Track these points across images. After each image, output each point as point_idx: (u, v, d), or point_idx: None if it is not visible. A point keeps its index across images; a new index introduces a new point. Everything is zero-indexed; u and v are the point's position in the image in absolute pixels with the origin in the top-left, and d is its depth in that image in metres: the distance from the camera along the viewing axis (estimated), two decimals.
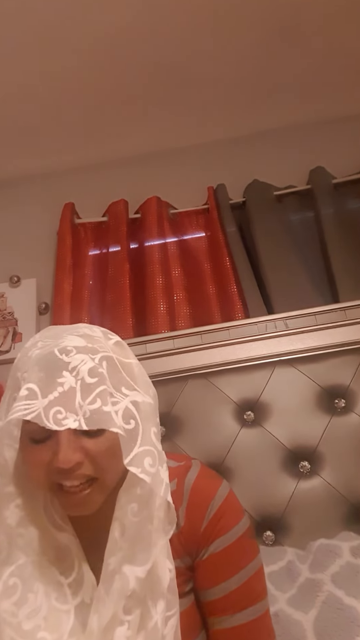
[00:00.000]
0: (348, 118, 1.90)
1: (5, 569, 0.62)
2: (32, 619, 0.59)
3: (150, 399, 0.65)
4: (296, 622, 0.82)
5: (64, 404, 0.56)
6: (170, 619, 0.60)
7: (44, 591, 0.62)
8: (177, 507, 0.68)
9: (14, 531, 0.63)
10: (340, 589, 0.83)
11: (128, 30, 1.51)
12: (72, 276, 1.70)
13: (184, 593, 0.67)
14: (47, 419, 0.55)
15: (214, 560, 0.67)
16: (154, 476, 0.58)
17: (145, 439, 0.59)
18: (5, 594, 0.60)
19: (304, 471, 1.20)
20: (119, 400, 0.60)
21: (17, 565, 0.62)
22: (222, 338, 1.45)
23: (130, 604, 0.58)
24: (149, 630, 0.58)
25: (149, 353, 1.45)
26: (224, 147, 1.95)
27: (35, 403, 0.56)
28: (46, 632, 0.59)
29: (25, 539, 0.64)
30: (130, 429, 0.58)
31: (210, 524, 0.68)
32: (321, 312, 1.44)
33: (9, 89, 1.65)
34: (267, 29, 1.56)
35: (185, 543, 0.68)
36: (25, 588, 0.61)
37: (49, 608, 0.61)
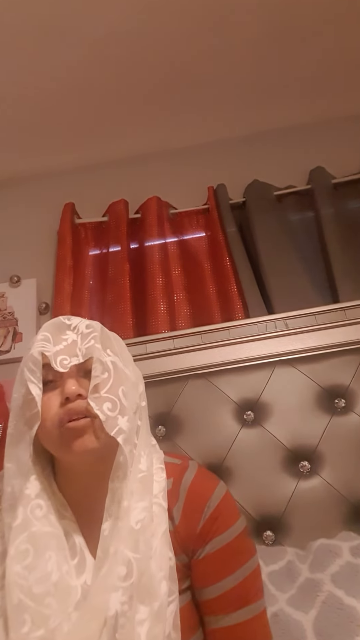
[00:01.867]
0: (348, 118, 1.90)
1: (19, 535, 0.65)
2: (42, 584, 0.62)
3: (129, 372, 0.76)
4: (296, 622, 0.82)
5: (68, 352, 0.72)
6: (170, 604, 0.63)
7: (56, 560, 0.65)
8: (172, 505, 0.72)
9: (33, 502, 0.69)
10: (340, 589, 0.83)
11: (129, 30, 1.51)
12: (73, 276, 1.70)
13: (181, 590, 0.68)
14: (55, 363, 0.70)
15: (210, 559, 0.69)
16: (110, 419, 0.67)
17: (112, 390, 0.70)
18: (17, 558, 0.64)
19: (304, 471, 1.20)
20: (104, 355, 0.72)
21: (31, 532, 0.66)
22: (222, 338, 1.45)
23: (125, 571, 0.62)
24: (155, 608, 0.61)
25: (149, 353, 1.45)
26: (224, 147, 1.95)
27: (48, 346, 0.72)
28: (54, 599, 0.62)
29: (42, 511, 0.69)
30: (104, 378, 0.70)
31: (207, 523, 0.70)
32: (321, 312, 1.44)
33: (9, 89, 1.65)
34: (267, 29, 1.56)
35: (181, 542, 0.70)
36: (37, 554, 0.64)
37: (59, 577, 0.64)
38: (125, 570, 0.62)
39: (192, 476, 0.74)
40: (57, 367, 0.70)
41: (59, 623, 0.60)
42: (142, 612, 0.61)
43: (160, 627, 0.60)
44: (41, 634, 0.59)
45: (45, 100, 1.71)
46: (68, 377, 0.70)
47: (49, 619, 0.60)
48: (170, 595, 0.63)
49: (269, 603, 0.88)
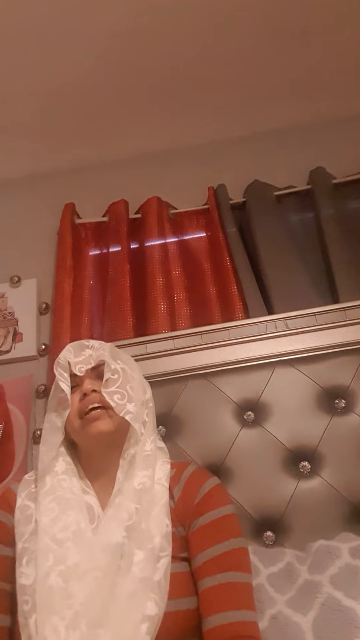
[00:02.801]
0: (348, 118, 1.89)
1: (47, 497, 0.86)
2: (63, 532, 0.80)
3: (137, 375, 1.01)
4: (295, 624, 0.82)
5: (84, 362, 0.97)
6: (162, 558, 0.78)
7: (75, 518, 0.82)
8: (173, 486, 0.90)
9: (60, 476, 0.89)
10: (339, 591, 0.83)
11: (129, 31, 1.51)
12: (73, 276, 1.70)
13: (179, 557, 0.81)
14: (74, 369, 0.96)
15: (202, 530, 0.83)
16: (119, 405, 0.90)
17: (121, 386, 0.93)
18: (45, 513, 0.83)
19: (304, 471, 1.20)
20: (113, 363, 0.95)
21: (56, 495, 0.86)
22: (222, 338, 1.45)
23: (127, 518, 0.80)
24: (147, 550, 0.77)
25: (149, 353, 1.45)
26: (224, 147, 1.95)
27: (70, 356, 0.97)
28: (72, 543, 0.79)
29: (67, 483, 0.88)
30: (114, 378, 0.93)
31: (202, 500, 0.86)
32: (321, 312, 1.44)
33: (8, 89, 1.65)
34: (267, 29, 1.56)
35: (180, 515, 0.86)
36: (61, 511, 0.83)
37: (77, 528, 0.81)
38: (126, 514, 0.80)
39: (193, 469, 0.94)
40: (76, 371, 0.96)
41: (75, 561, 0.76)
42: (137, 555, 0.76)
43: (150, 568, 0.75)
44: (62, 568, 0.75)
45: (46, 100, 1.72)
46: (85, 379, 0.95)
47: (67, 558, 0.77)
48: (162, 550, 0.78)
49: (269, 605, 0.88)
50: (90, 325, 1.70)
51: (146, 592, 0.72)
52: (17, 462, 1.43)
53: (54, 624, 0.69)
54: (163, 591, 0.74)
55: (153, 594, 0.73)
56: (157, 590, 0.73)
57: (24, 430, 1.48)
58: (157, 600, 0.72)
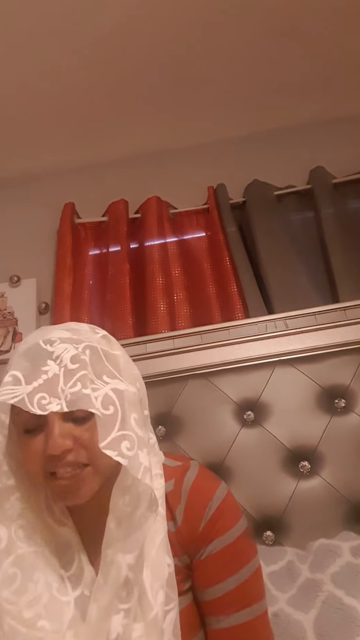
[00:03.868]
0: (348, 118, 1.90)
1: (5, 559, 0.63)
2: (32, 608, 0.61)
3: (134, 389, 0.68)
4: (296, 622, 0.82)
5: (48, 389, 0.60)
6: (169, 613, 0.62)
7: (45, 581, 0.63)
8: (174, 507, 0.70)
9: (15, 522, 0.65)
10: (340, 589, 0.83)
11: (128, 30, 1.51)
12: (72, 276, 1.70)
13: (182, 591, 0.67)
14: (31, 405, 0.58)
15: (212, 560, 0.68)
16: (132, 459, 0.59)
17: (124, 424, 0.61)
18: (4, 583, 0.62)
19: (304, 471, 1.20)
20: (99, 387, 0.62)
21: (17, 555, 0.64)
22: (222, 338, 1.45)
23: (126, 593, 0.60)
24: (148, 621, 0.60)
25: (149, 353, 1.45)
26: (224, 147, 1.95)
27: (19, 389, 0.59)
28: (46, 620, 0.60)
29: (26, 531, 0.66)
30: (109, 414, 0.61)
31: (208, 524, 0.69)
32: (321, 312, 1.44)
33: (9, 89, 1.65)
34: (267, 29, 1.56)
35: (183, 542, 0.69)
36: (25, 577, 0.62)
37: (49, 597, 0.62)
38: (125, 592, 0.61)
39: (194, 477, 0.73)
40: (35, 409, 0.58)
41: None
42: (136, 630, 0.60)
43: (155, 637, 0.59)
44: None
45: (46, 100, 1.71)
46: (52, 424, 0.61)
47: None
48: (168, 603, 0.62)
49: (269, 603, 0.87)
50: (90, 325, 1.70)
51: None
52: None
53: None
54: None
55: None
56: None
57: None
58: None
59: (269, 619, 0.70)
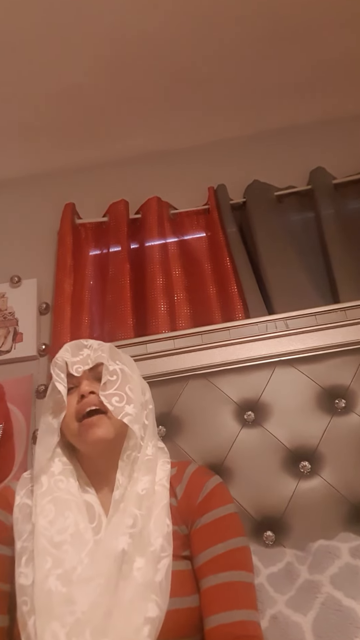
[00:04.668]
0: (348, 118, 1.90)
1: (44, 497, 0.84)
2: (61, 534, 0.79)
3: (138, 381, 0.98)
4: (295, 624, 0.82)
5: (82, 362, 0.95)
6: (163, 559, 0.77)
7: (74, 519, 0.82)
8: (175, 485, 0.90)
9: (56, 477, 0.88)
10: (339, 590, 0.83)
11: (129, 31, 1.51)
12: (73, 276, 1.70)
13: (180, 556, 0.82)
14: (71, 369, 0.93)
15: (204, 529, 0.84)
16: (117, 408, 0.87)
17: (120, 388, 0.91)
18: (42, 514, 0.82)
19: (304, 471, 1.20)
20: (112, 364, 0.93)
21: (54, 496, 0.85)
22: (223, 338, 1.45)
23: (132, 522, 0.79)
24: (147, 554, 0.77)
25: (150, 353, 1.45)
26: (224, 147, 1.95)
27: (68, 356, 0.95)
28: (70, 546, 0.78)
29: (64, 484, 0.87)
30: (112, 379, 0.91)
31: (204, 499, 0.87)
32: (321, 312, 1.44)
33: (9, 89, 1.65)
34: (267, 29, 1.56)
35: (182, 514, 0.86)
36: (58, 512, 0.82)
37: (75, 530, 0.80)
38: (131, 521, 0.79)
39: (195, 467, 0.94)
40: (73, 371, 0.93)
41: (73, 566, 0.75)
42: (138, 561, 0.76)
43: (151, 571, 0.75)
44: (60, 572, 0.74)
45: (46, 100, 1.72)
46: (83, 380, 0.93)
47: (64, 561, 0.76)
48: (163, 551, 0.78)
49: (268, 605, 0.87)
50: (90, 325, 1.70)
51: (147, 594, 0.72)
52: (17, 462, 1.43)
53: (54, 629, 0.68)
54: (164, 592, 0.74)
55: (154, 595, 0.72)
56: (159, 591, 0.73)
57: (24, 430, 1.47)
58: (159, 601, 0.72)
59: (267, 621, 0.73)
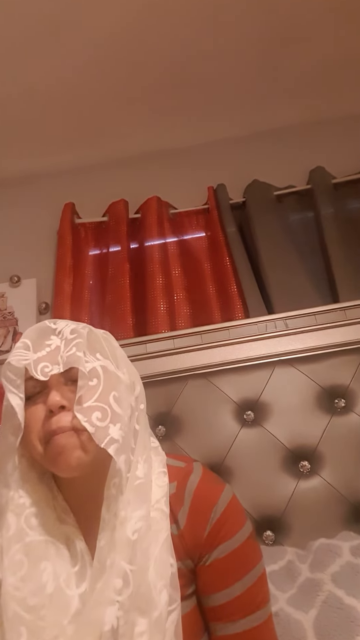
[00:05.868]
0: (348, 118, 1.90)
1: (13, 546, 0.64)
2: (37, 596, 0.61)
3: (122, 375, 0.72)
4: (296, 622, 0.82)
5: (50, 359, 0.67)
6: (172, 613, 0.61)
7: (53, 570, 0.63)
8: (176, 510, 0.69)
9: (28, 510, 0.67)
10: (340, 589, 0.83)
11: (128, 30, 1.51)
12: (72, 276, 1.70)
13: (186, 595, 0.66)
14: (35, 371, 0.66)
15: (217, 565, 0.67)
16: (99, 429, 0.63)
17: (101, 398, 0.65)
18: (10, 570, 0.62)
19: (304, 471, 1.20)
20: (90, 360, 0.68)
21: (25, 543, 0.64)
22: (222, 338, 1.45)
23: (122, 583, 0.60)
24: (153, 619, 0.59)
25: (149, 353, 1.45)
26: (224, 147, 1.95)
27: (28, 354, 0.67)
28: (50, 611, 0.60)
29: (38, 520, 0.67)
30: (92, 385, 0.66)
31: (213, 529, 0.68)
32: (321, 312, 1.44)
33: (9, 89, 1.65)
34: (267, 29, 1.56)
35: (186, 547, 0.68)
36: (32, 565, 0.63)
37: (55, 588, 0.62)
38: (121, 582, 0.60)
39: (197, 480, 0.72)
40: (38, 375, 0.66)
41: (54, 636, 0.58)
42: (140, 625, 0.59)
43: (159, 638, 0.59)
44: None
45: (46, 100, 1.71)
46: (52, 387, 0.67)
47: (44, 631, 0.59)
48: (171, 604, 0.62)
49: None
50: (90, 324, 1.70)
51: None
52: None
53: None
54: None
55: None
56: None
57: None
58: None
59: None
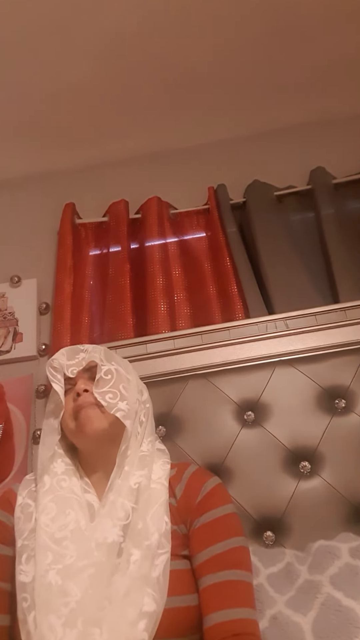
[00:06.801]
0: (348, 118, 1.89)
1: (47, 496, 0.86)
2: (62, 531, 0.81)
3: (134, 382, 0.99)
4: (295, 624, 0.82)
5: (77, 365, 0.99)
6: (161, 555, 0.78)
7: (75, 516, 0.83)
8: (174, 485, 0.90)
9: (59, 476, 0.90)
10: (339, 591, 0.83)
11: (129, 31, 1.51)
12: (73, 276, 1.70)
13: (180, 555, 0.82)
14: (66, 371, 0.98)
15: (203, 528, 0.83)
16: (111, 404, 0.90)
17: (114, 386, 0.93)
18: (44, 512, 0.84)
19: (304, 471, 1.20)
20: (106, 364, 0.97)
21: (55, 495, 0.87)
22: (223, 338, 1.45)
23: (123, 513, 0.81)
24: (143, 547, 0.77)
25: (150, 353, 1.45)
26: (224, 147, 1.95)
27: (62, 359, 0.99)
28: (70, 542, 0.80)
29: (67, 483, 0.89)
30: (107, 378, 0.94)
31: (204, 498, 0.86)
32: (321, 312, 1.44)
33: (9, 89, 1.65)
34: (267, 29, 1.56)
35: (182, 513, 0.86)
36: (60, 510, 0.84)
37: (76, 527, 0.82)
38: (122, 513, 0.81)
39: (194, 469, 0.94)
40: (68, 373, 0.97)
41: (72, 560, 0.77)
42: (134, 554, 0.76)
43: (147, 565, 0.75)
44: (60, 567, 0.76)
45: (46, 100, 1.72)
46: (78, 380, 0.97)
47: (65, 556, 0.77)
48: (161, 548, 0.79)
49: (268, 605, 0.88)
50: (90, 325, 1.70)
51: (143, 589, 0.73)
52: (17, 462, 1.43)
53: (51, 622, 0.70)
54: (162, 588, 0.74)
55: (151, 590, 0.73)
56: (156, 587, 0.74)
57: (24, 430, 1.47)
58: (156, 597, 0.72)
59: (267, 621, 0.72)
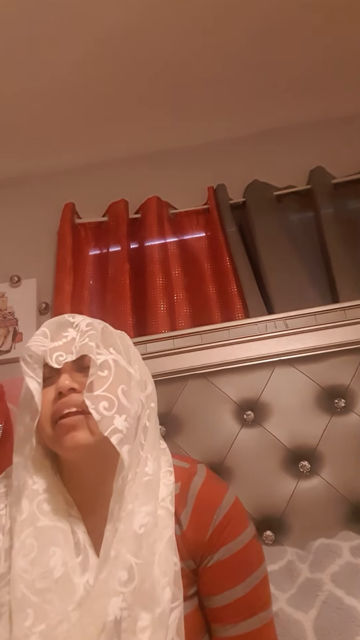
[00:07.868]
0: (348, 118, 1.90)
1: (24, 530, 0.66)
2: (45, 579, 0.62)
3: (136, 374, 0.75)
4: (296, 622, 0.82)
5: (65, 349, 0.72)
6: (174, 610, 0.62)
7: (61, 557, 0.64)
8: (179, 510, 0.70)
9: (40, 496, 0.69)
10: (340, 589, 0.83)
11: (128, 30, 1.51)
12: (73, 276, 1.70)
13: (188, 596, 0.67)
14: (50, 359, 0.71)
15: (220, 567, 0.68)
16: (105, 418, 0.65)
17: (110, 389, 0.68)
18: (21, 553, 0.64)
19: (304, 471, 1.20)
20: (103, 353, 0.72)
21: (36, 527, 0.66)
22: (222, 338, 1.45)
23: (126, 576, 0.61)
24: (155, 615, 0.60)
25: (149, 353, 1.45)
26: (224, 147, 1.95)
27: (46, 342, 0.72)
28: (56, 595, 0.61)
29: (50, 506, 0.69)
30: (102, 375, 0.69)
31: (216, 531, 0.68)
32: (321, 312, 1.44)
33: (9, 89, 1.65)
34: (267, 29, 1.56)
35: (189, 547, 0.68)
36: (42, 549, 0.64)
37: (62, 573, 0.63)
38: (126, 575, 0.61)
39: (201, 481, 0.73)
40: (52, 362, 0.71)
41: (59, 620, 0.59)
42: (143, 619, 0.60)
43: (162, 634, 0.59)
44: (42, 629, 0.59)
45: (46, 100, 1.71)
46: (63, 372, 0.71)
47: (49, 614, 0.60)
48: (174, 601, 0.62)
49: None
50: None
51: None
52: None
53: None
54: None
55: None
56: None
57: None
58: None
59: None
